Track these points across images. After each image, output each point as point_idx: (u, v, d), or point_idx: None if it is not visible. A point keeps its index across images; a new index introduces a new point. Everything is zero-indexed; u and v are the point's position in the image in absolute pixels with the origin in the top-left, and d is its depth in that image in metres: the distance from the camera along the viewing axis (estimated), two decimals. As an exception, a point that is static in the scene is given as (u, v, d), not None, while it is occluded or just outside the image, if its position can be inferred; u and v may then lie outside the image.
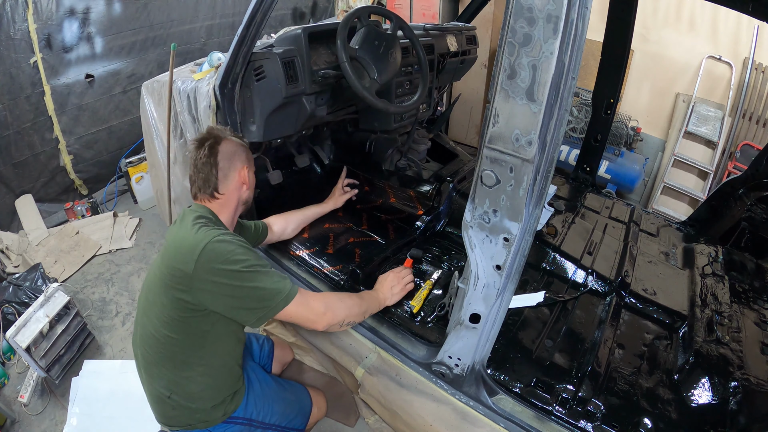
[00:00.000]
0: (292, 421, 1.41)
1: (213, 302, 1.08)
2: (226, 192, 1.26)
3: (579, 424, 1.24)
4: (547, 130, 0.84)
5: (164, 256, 1.13)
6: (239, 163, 1.28)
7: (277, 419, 1.37)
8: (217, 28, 3.34)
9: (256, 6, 1.42)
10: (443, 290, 1.68)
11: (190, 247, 1.06)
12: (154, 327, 1.14)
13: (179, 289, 1.07)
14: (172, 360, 1.16)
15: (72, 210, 2.84)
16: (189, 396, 1.20)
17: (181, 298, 1.08)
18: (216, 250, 1.06)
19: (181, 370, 1.17)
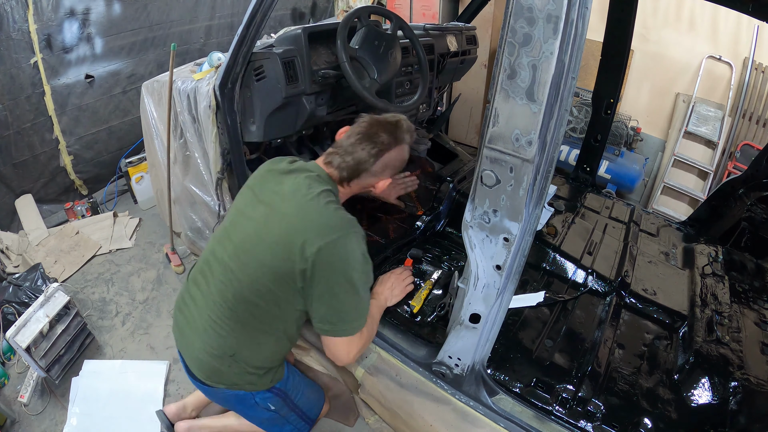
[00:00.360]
0: (311, 410, 1.43)
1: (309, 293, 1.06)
2: (354, 186, 1.19)
3: (579, 424, 1.24)
4: (547, 130, 0.84)
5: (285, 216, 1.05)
6: (387, 174, 1.19)
7: (302, 403, 1.38)
8: (216, 29, 3.34)
9: (256, 6, 1.42)
10: (443, 290, 1.68)
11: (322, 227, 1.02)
12: (241, 287, 1.10)
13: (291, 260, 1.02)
14: (252, 325, 1.14)
15: (72, 210, 2.84)
16: (253, 359, 1.20)
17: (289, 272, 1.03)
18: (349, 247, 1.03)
19: (258, 336, 1.16)
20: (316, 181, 1.11)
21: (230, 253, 1.14)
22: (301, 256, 1.01)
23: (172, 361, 1.99)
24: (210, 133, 1.70)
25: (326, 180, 1.14)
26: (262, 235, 1.08)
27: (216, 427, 1.55)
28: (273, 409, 1.32)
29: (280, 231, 1.05)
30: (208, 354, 1.20)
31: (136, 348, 2.06)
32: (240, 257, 1.11)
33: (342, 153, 1.14)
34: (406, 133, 1.16)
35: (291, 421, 1.38)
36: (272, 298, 1.10)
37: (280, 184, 1.13)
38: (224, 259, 1.15)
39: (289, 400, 1.34)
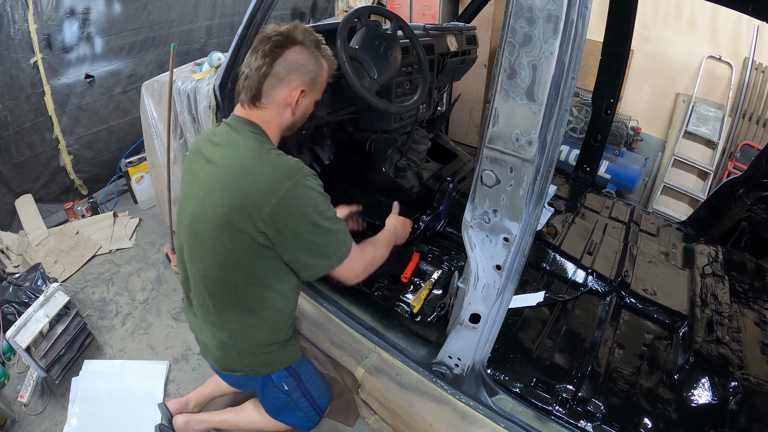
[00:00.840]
0: (320, 399, 1.42)
1: (281, 251, 1.01)
2: (268, 107, 1.06)
3: (579, 424, 1.24)
4: (547, 130, 0.84)
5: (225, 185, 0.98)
6: (296, 80, 1.05)
7: (314, 390, 1.38)
8: (216, 29, 3.34)
9: (256, 6, 1.43)
10: (443, 290, 1.68)
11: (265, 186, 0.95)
12: (214, 273, 1.06)
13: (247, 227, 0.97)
14: (237, 307, 1.11)
15: (72, 210, 2.84)
16: (253, 343, 1.18)
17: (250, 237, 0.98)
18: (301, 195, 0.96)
19: (246, 318, 1.13)
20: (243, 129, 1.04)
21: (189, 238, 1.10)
22: (257, 221, 0.96)
23: (172, 361, 1.99)
24: (210, 133, 1.70)
25: (248, 125, 1.06)
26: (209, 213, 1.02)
27: (213, 421, 1.56)
28: (286, 389, 1.31)
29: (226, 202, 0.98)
30: (215, 347, 1.20)
31: (136, 348, 2.06)
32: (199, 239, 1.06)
33: (243, 71, 1.06)
34: (304, 34, 1.06)
35: (302, 408, 1.38)
36: (247, 272, 1.04)
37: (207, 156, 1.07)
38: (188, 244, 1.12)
39: (301, 384, 1.34)
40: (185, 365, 1.98)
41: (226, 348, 1.19)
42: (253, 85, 1.04)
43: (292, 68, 1.04)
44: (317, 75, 1.09)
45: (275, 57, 1.02)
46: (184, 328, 2.14)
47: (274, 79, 1.04)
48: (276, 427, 1.47)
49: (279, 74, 1.04)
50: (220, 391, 1.65)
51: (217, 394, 1.66)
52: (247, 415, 1.51)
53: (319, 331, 1.61)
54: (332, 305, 1.62)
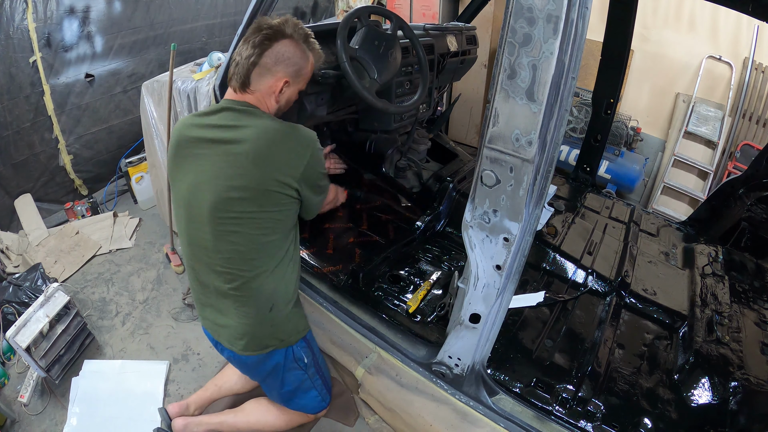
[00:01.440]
0: (328, 377, 1.46)
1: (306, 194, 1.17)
2: (256, 93, 1.15)
3: (579, 424, 1.24)
4: (547, 130, 0.84)
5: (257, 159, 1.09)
6: (281, 71, 1.14)
7: (323, 365, 1.43)
8: (218, 27, 3.32)
9: (257, 6, 1.42)
10: (443, 290, 1.68)
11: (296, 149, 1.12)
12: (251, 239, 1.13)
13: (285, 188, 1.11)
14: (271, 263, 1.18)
15: (72, 210, 2.84)
16: (286, 298, 1.25)
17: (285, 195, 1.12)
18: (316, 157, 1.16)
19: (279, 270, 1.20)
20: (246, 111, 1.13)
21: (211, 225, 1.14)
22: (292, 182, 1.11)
23: (172, 361, 1.99)
24: (210, 133, 1.69)
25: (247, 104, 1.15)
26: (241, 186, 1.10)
27: (212, 423, 1.56)
28: (305, 362, 1.34)
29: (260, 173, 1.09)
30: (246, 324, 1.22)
31: (136, 348, 2.06)
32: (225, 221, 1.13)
33: (234, 58, 1.15)
34: (294, 28, 1.15)
35: (317, 386, 1.41)
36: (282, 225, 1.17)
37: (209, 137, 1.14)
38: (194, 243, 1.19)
39: (316, 357, 1.38)
40: (185, 365, 1.98)
41: (259, 322, 1.22)
42: (242, 72, 1.13)
43: (279, 60, 1.13)
44: (301, 67, 1.18)
45: (264, 48, 1.11)
46: (184, 328, 2.14)
47: (261, 68, 1.12)
48: (274, 426, 1.47)
49: (266, 64, 1.12)
50: (220, 394, 1.64)
51: (217, 397, 1.66)
52: (246, 416, 1.51)
53: (319, 331, 1.61)
54: (332, 305, 1.62)
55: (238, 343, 1.24)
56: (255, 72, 1.12)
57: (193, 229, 1.18)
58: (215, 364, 1.96)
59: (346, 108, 1.98)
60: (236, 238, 1.13)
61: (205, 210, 1.13)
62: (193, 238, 1.19)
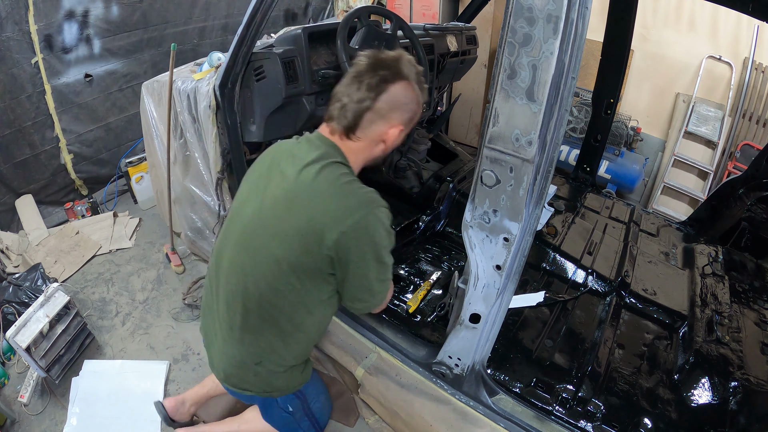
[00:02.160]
0: (322, 417, 1.41)
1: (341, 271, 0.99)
2: (361, 140, 1.02)
3: (579, 424, 1.24)
4: (547, 130, 0.84)
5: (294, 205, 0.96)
6: (397, 118, 1.01)
7: (317, 409, 1.36)
8: (209, 30, 3.38)
9: (256, 6, 1.42)
10: (443, 290, 1.68)
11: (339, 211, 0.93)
12: (260, 290, 1.02)
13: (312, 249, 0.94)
14: (273, 328, 1.07)
15: (72, 210, 2.84)
16: (278, 363, 1.14)
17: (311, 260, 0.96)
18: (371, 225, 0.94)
19: (282, 339, 1.09)
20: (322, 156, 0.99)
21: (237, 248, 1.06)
22: (323, 245, 0.94)
23: (172, 361, 1.98)
24: (210, 133, 1.70)
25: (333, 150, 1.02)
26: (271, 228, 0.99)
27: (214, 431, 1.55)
28: (290, 410, 1.30)
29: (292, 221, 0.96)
30: (230, 363, 1.15)
31: (136, 348, 2.06)
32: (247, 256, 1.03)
33: (339, 98, 1.01)
34: (410, 67, 1.01)
35: (303, 427, 1.37)
36: (296, 295, 1.01)
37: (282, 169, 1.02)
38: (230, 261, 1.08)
39: (306, 405, 1.32)
40: (185, 365, 1.98)
41: (243, 366, 1.13)
42: (349, 117, 1.00)
43: (395, 106, 1.00)
44: (416, 113, 1.06)
45: (380, 92, 0.97)
46: (184, 328, 2.14)
47: (374, 114, 0.99)
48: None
49: (380, 110, 0.99)
50: (217, 391, 1.64)
51: (214, 394, 1.66)
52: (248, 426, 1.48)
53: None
54: (332, 305, 1.62)
55: (220, 371, 1.19)
56: (366, 118, 0.99)
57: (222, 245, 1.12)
58: (215, 364, 1.96)
59: (346, 108, 1.98)
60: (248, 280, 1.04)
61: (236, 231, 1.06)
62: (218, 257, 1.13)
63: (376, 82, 0.97)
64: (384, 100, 0.98)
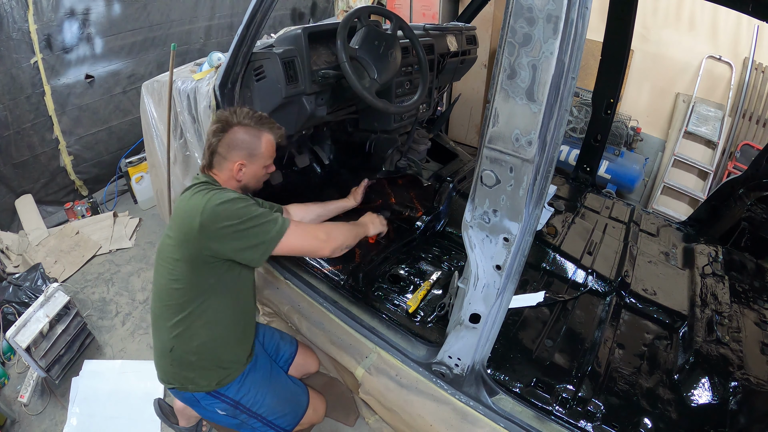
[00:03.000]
0: (280, 419, 1.41)
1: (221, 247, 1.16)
2: (220, 174, 1.29)
3: (579, 424, 1.24)
4: (547, 130, 0.84)
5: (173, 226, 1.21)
6: (237, 156, 1.27)
7: (264, 411, 1.38)
8: (215, 29, 3.34)
9: (256, 6, 1.42)
10: (443, 290, 1.68)
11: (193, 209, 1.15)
12: (163, 282, 1.23)
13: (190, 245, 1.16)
14: (177, 310, 1.22)
15: (72, 210, 2.84)
16: (189, 350, 1.26)
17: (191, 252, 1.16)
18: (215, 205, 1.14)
19: (184, 321, 1.23)
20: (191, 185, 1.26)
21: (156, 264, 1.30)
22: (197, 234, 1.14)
23: (172, 361, 1.99)
24: (210, 133, 1.69)
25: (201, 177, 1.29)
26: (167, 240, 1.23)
27: None
28: (222, 414, 1.34)
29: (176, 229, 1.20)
30: (157, 353, 1.31)
31: (136, 348, 2.06)
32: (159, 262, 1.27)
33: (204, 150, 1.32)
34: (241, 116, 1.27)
35: (255, 427, 1.39)
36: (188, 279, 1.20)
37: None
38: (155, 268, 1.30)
39: (242, 408, 1.35)
40: (185, 365, 1.98)
41: (164, 355, 1.28)
42: (206, 158, 1.30)
43: (231, 146, 1.26)
44: (254, 147, 1.29)
45: (219, 139, 1.27)
46: (184, 328, 2.14)
47: (219, 157, 1.28)
48: None
49: (221, 153, 1.27)
50: None
51: None
52: None
53: (319, 331, 1.61)
54: (332, 305, 1.62)
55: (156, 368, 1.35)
56: (215, 159, 1.28)
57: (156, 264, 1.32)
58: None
59: (346, 108, 1.98)
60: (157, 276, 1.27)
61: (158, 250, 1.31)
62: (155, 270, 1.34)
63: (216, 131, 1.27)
64: (222, 145, 1.26)
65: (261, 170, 1.33)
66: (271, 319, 1.89)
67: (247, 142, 1.28)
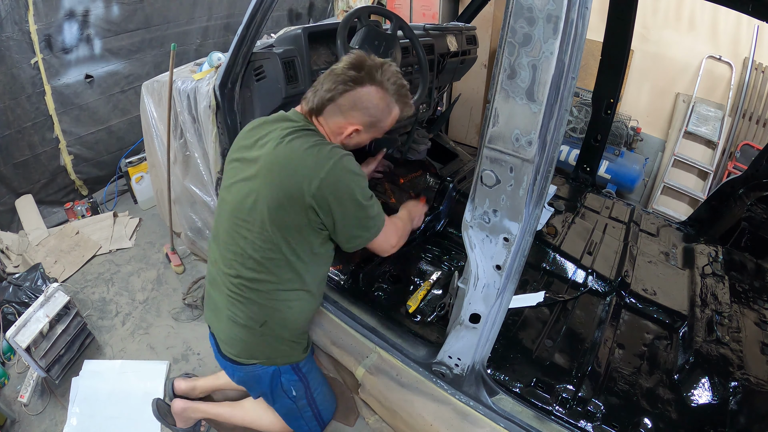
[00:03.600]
0: (325, 410, 1.41)
1: (327, 224, 1.07)
2: (326, 126, 1.12)
3: (579, 424, 1.24)
4: (547, 130, 0.84)
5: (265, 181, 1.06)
6: (356, 118, 1.09)
7: (320, 400, 1.37)
8: (212, 30, 3.35)
9: (256, 6, 1.42)
10: (443, 290, 1.68)
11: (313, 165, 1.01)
12: (254, 249, 1.10)
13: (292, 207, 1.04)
14: (273, 280, 1.13)
15: (72, 210, 2.84)
16: (283, 322, 1.19)
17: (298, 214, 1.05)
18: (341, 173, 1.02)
19: (283, 293, 1.15)
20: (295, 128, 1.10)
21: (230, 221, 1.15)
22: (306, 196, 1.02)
23: (172, 361, 1.99)
24: (210, 133, 1.70)
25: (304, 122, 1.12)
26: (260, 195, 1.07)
27: (210, 412, 1.57)
28: (294, 395, 1.31)
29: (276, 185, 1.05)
30: (238, 330, 1.19)
31: (136, 348, 2.06)
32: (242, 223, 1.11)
33: (316, 84, 1.12)
34: (387, 76, 1.08)
35: (305, 418, 1.37)
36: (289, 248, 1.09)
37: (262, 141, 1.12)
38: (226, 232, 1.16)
39: (309, 392, 1.34)
40: (185, 365, 1.98)
41: (252, 329, 1.18)
42: (316, 101, 1.10)
43: (357, 105, 1.08)
44: (379, 119, 1.12)
45: (346, 89, 1.06)
46: (184, 328, 2.14)
47: (335, 107, 1.08)
48: (269, 430, 1.47)
49: (342, 106, 1.08)
50: (230, 386, 1.64)
51: (226, 388, 1.67)
52: (243, 413, 1.51)
53: (319, 331, 1.61)
54: (332, 305, 1.62)
55: (226, 344, 1.24)
56: (328, 108, 1.09)
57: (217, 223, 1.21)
58: (215, 363, 1.96)
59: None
60: (245, 244, 1.12)
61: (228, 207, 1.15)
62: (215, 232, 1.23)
63: (344, 80, 1.06)
64: (347, 97, 1.07)
65: (367, 140, 1.17)
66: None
67: (379, 110, 1.09)
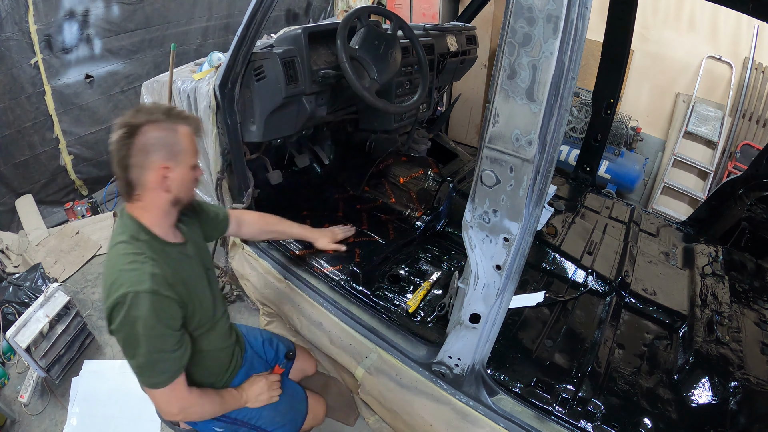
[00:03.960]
0: (280, 429, 1.39)
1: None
2: (142, 194, 1.04)
3: (579, 424, 1.24)
4: (547, 130, 0.84)
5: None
6: (157, 160, 1.01)
7: (263, 423, 1.36)
8: (212, 30, 3.36)
9: (256, 6, 1.42)
10: (443, 290, 1.68)
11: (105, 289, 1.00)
12: None
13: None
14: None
15: (72, 210, 2.84)
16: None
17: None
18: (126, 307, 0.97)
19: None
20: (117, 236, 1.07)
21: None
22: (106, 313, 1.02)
23: (172, 361, 1.98)
24: (210, 133, 1.70)
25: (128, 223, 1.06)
26: None
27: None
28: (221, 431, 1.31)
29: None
30: None
31: (136, 348, 2.06)
32: None
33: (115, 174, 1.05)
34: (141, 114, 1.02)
35: None
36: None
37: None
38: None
39: (240, 422, 1.32)
40: (185, 365, 1.98)
41: None
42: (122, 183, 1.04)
43: (146, 150, 1.00)
44: (174, 144, 1.04)
45: (128, 146, 0.99)
46: (184, 328, 2.14)
47: (135, 170, 1.01)
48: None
49: (137, 163, 1.01)
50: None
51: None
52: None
53: (319, 331, 1.61)
54: (332, 305, 1.62)
55: None
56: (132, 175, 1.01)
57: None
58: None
59: (346, 108, 1.98)
60: None
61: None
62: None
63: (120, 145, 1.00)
64: (134, 152, 0.99)
65: (189, 173, 1.09)
66: (271, 319, 1.89)
67: (164, 139, 1.03)
